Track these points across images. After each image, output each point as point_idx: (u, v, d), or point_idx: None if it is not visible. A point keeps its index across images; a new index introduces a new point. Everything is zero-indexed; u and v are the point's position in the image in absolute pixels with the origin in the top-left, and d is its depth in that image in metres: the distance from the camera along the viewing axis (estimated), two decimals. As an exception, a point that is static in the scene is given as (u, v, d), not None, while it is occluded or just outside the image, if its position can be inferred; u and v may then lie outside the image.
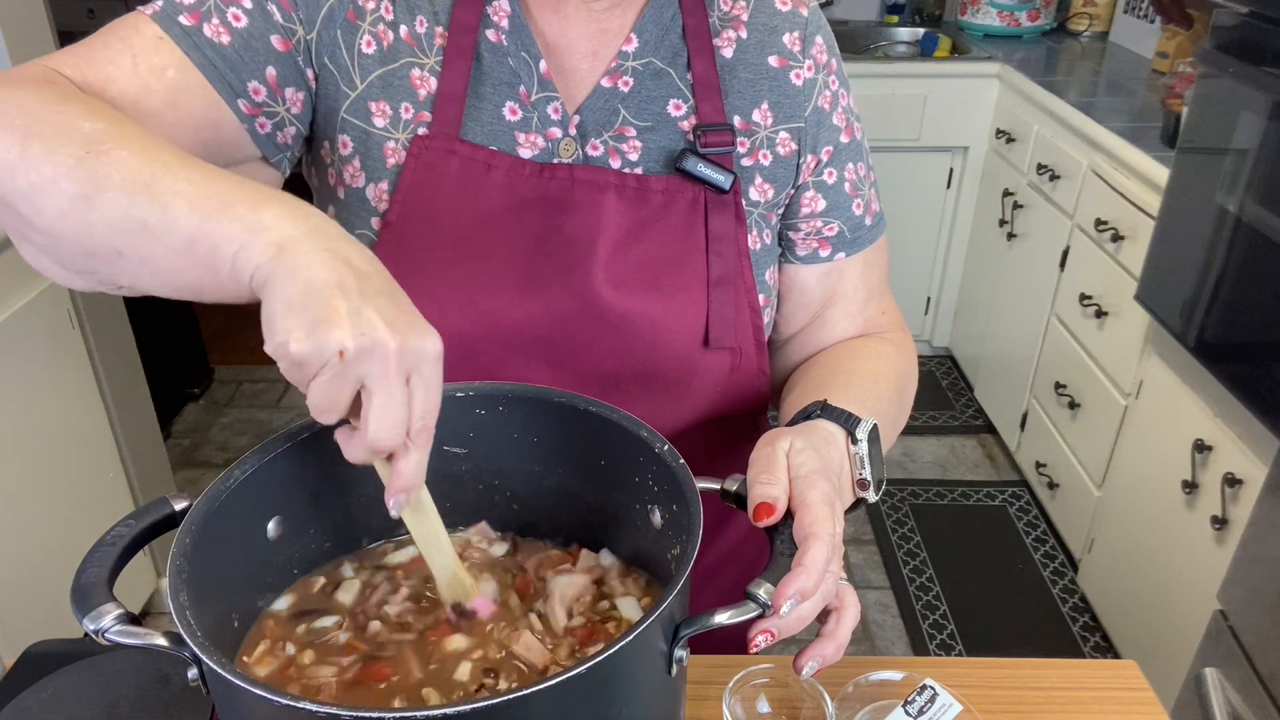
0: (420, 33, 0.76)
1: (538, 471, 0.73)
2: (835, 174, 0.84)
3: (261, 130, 0.75)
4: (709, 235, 0.79)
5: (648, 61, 0.79)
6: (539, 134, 0.78)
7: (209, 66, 0.70)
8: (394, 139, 0.76)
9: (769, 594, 0.55)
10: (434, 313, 0.70)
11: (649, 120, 0.79)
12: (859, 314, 0.89)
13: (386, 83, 0.76)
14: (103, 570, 0.56)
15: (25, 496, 1.76)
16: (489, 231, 0.76)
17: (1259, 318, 1.60)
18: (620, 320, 0.77)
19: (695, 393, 0.81)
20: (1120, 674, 0.86)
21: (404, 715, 0.53)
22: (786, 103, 0.81)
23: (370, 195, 0.77)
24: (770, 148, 0.81)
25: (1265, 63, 1.59)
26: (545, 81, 0.77)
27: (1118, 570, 2.12)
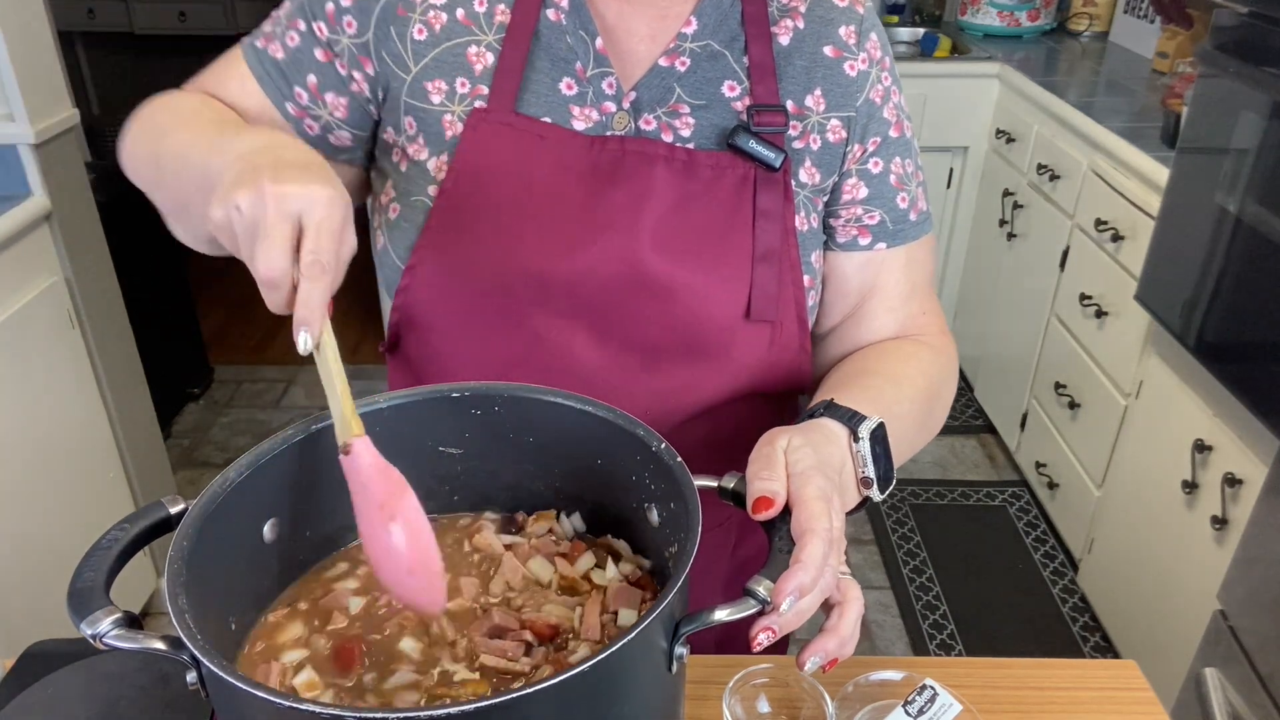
0: (479, 11, 0.80)
1: (533, 471, 0.73)
2: (881, 164, 0.85)
3: (310, 131, 0.84)
4: (756, 211, 0.80)
5: (705, 44, 0.81)
6: (593, 108, 0.80)
7: (265, 77, 0.83)
8: (451, 112, 0.80)
9: (768, 590, 0.55)
10: (483, 273, 0.79)
11: (703, 99, 0.81)
12: (899, 309, 0.88)
13: (440, 61, 0.80)
14: (99, 574, 0.56)
15: (25, 496, 1.76)
16: (539, 198, 0.79)
17: (1259, 318, 1.60)
18: (663, 288, 0.79)
19: (735, 364, 0.82)
20: (1120, 674, 0.86)
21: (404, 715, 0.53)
22: (839, 91, 0.83)
23: (431, 166, 0.81)
24: (821, 133, 0.83)
25: (1265, 63, 1.59)
26: (601, 57, 0.80)
27: (1118, 570, 2.12)
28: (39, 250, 1.81)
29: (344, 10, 0.80)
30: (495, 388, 0.70)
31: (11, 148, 1.76)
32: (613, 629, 0.64)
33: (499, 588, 0.68)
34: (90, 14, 4.45)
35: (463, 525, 0.74)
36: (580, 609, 0.66)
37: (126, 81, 4.80)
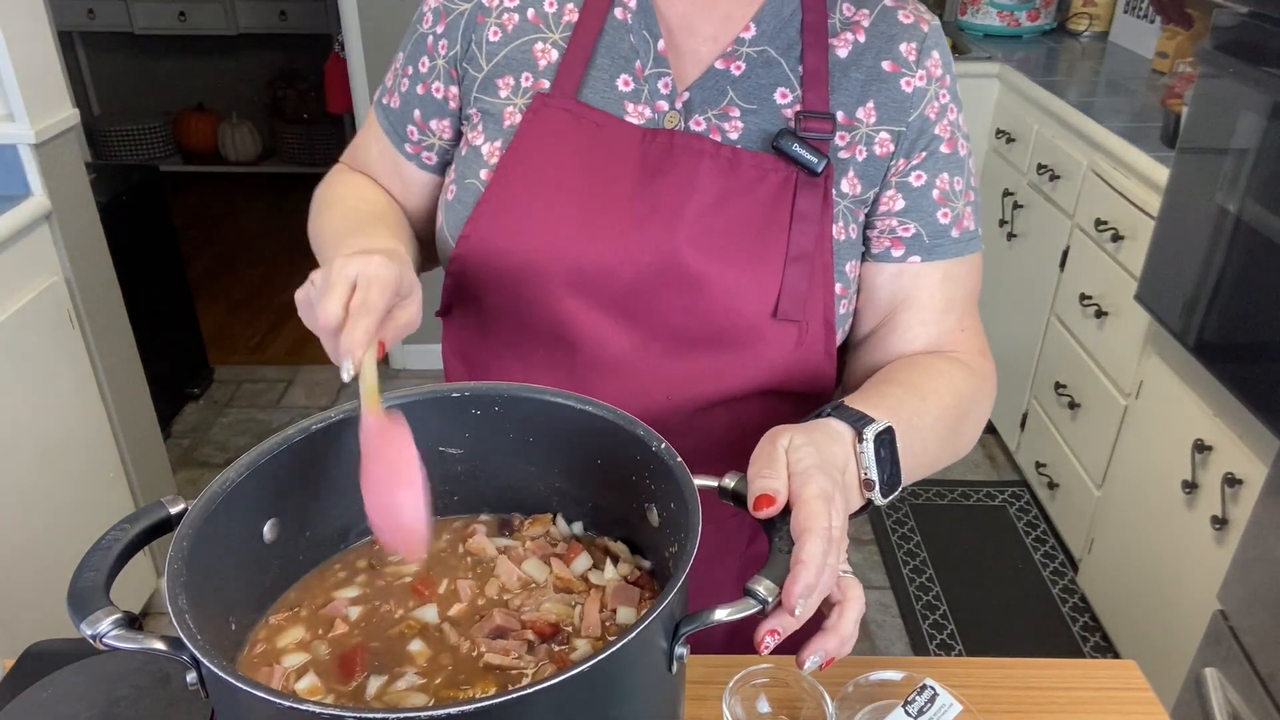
0: (549, 12, 0.85)
1: (534, 471, 0.73)
2: (924, 178, 0.85)
3: (429, 163, 0.93)
4: (794, 213, 0.82)
5: (762, 50, 0.83)
6: (647, 105, 0.83)
7: (389, 129, 0.93)
8: (513, 104, 0.85)
9: (768, 590, 0.55)
10: (527, 250, 0.83)
11: (754, 104, 0.83)
12: (934, 324, 0.87)
13: (510, 58, 0.85)
14: (99, 575, 0.56)
15: (25, 496, 1.76)
16: (588, 183, 0.82)
17: (1259, 318, 1.60)
18: (696, 280, 0.81)
19: (759, 359, 0.83)
20: (1120, 674, 0.86)
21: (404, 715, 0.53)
22: (893, 105, 0.84)
23: (485, 151, 0.85)
24: (868, 145, 0.84)
25: (1265, 63, 1.59)
26: (660, 59, 0.83)
27: (1118, 570, 2.12)
28: (39, 250, 1.81)
29: (439, 37, 0.87)
30: (495, 388, 0.71)
31: (11, 148, 1.76)
32: (613, 627, 0.65)
33: (494, 590, 0.68)
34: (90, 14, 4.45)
35: (456, 528, 0.74)
36: (580, 607, 0.66)
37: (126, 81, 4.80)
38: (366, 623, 0.66)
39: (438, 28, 0.87)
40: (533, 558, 0.70)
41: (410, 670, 0.62)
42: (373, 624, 0.66)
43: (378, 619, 0.66)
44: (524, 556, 0.70)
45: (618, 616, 0.65)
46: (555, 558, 0.70)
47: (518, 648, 0.62)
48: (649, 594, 0.68)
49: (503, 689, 0.59)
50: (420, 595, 0.68)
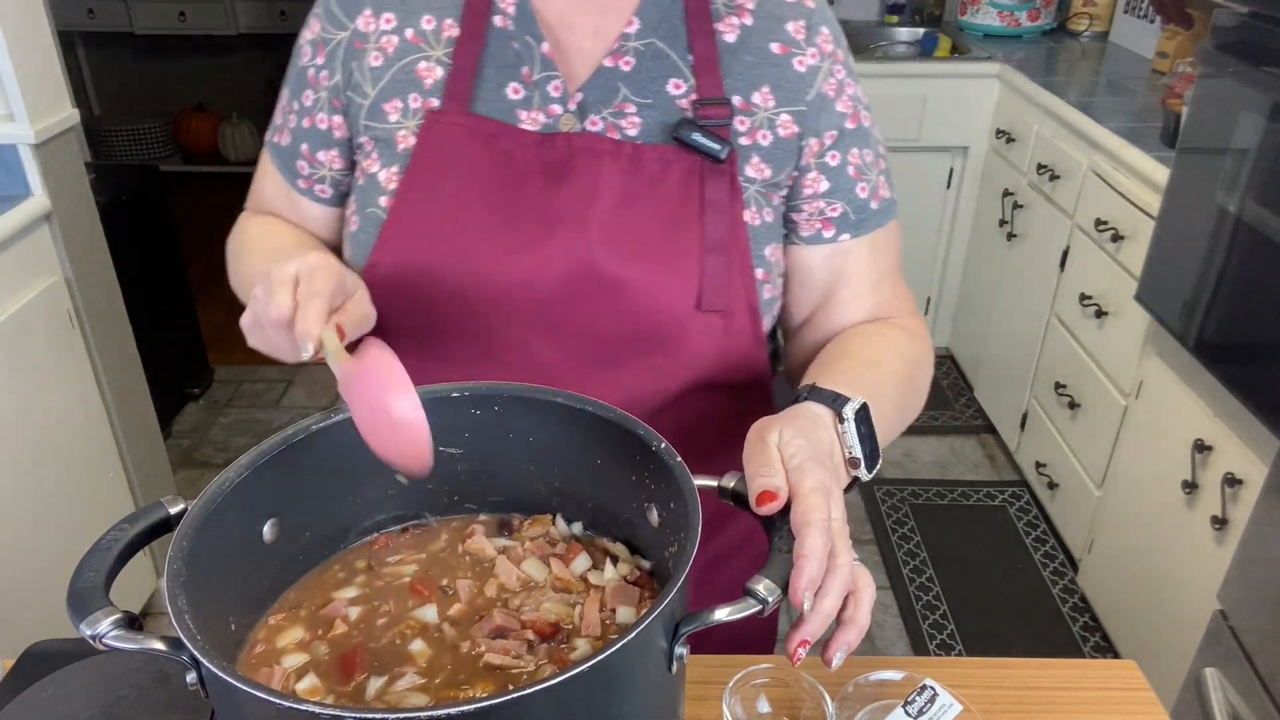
0: (428, 29, 0.83)
1: (534, 471, 0.73)
2: (839, 157, 0.86)
3: (324, 195, 0.91)
4: (704, 202, 0.81)
5: (649, 42, 0.83)
6: (540, 110, 0.82)
7: (282, 166, 0.92)
8: (405, 127, 0.83)
9: (768, 590, 0.55)
10: (437, 275, 0.81)
11: (649, 98, 0.82)
12: (868, 296, 0.89)
13: (395, 81, 0.83)
14: (98, 575, 0.56)
15: (25, 497, 1.76)
16: (490, 197, 0.81)
17: (1259, 318, 1.60)
18: (615, 282, 0.80)
19: (689, 354, 0.83)
20: (1120, 674, 0.86)
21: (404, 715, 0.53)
22: (789, 86, 0.83)
23: (382, 178, 0.84)
24: (770, 128, 0.83)
25: (1265, 63, 1.59)
26: (547, 61, 0.82)
27: (1118, 570, 2.12)
28: (39, 250, 1.81)
29: (320, 68, 0.86)
30: (495, 387, 0.71)
31: (11, 148, 1.76)
32: (613, 626, 0.65)
33: (493, 590, 0.68)
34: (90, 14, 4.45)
35: (455, 528, 0.74)
36: (579, 607, 0.66)
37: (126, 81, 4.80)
38: (366, 623, 0.66)
39: (318, 59, 0.86)
40: (532, 558, 0.70)
41: (410, 670, 0.62)
42: (372, 624, 0.66)
43: (377, 619, 0.66)
44: (523, 557, 0.70)
45: (617, 616, 0.65)
46: (555, 558, 0.70)
47: (518, 648, 0.62)
48: (649, 594, 0.68)
49: (503, 689, 0.59)
50: (420, 595, 0.68)
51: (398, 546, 0.73)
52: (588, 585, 0.68)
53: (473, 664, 0.62)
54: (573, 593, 0.67)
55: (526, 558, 0.70)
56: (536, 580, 0.69)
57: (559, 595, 0.67)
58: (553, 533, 0.73)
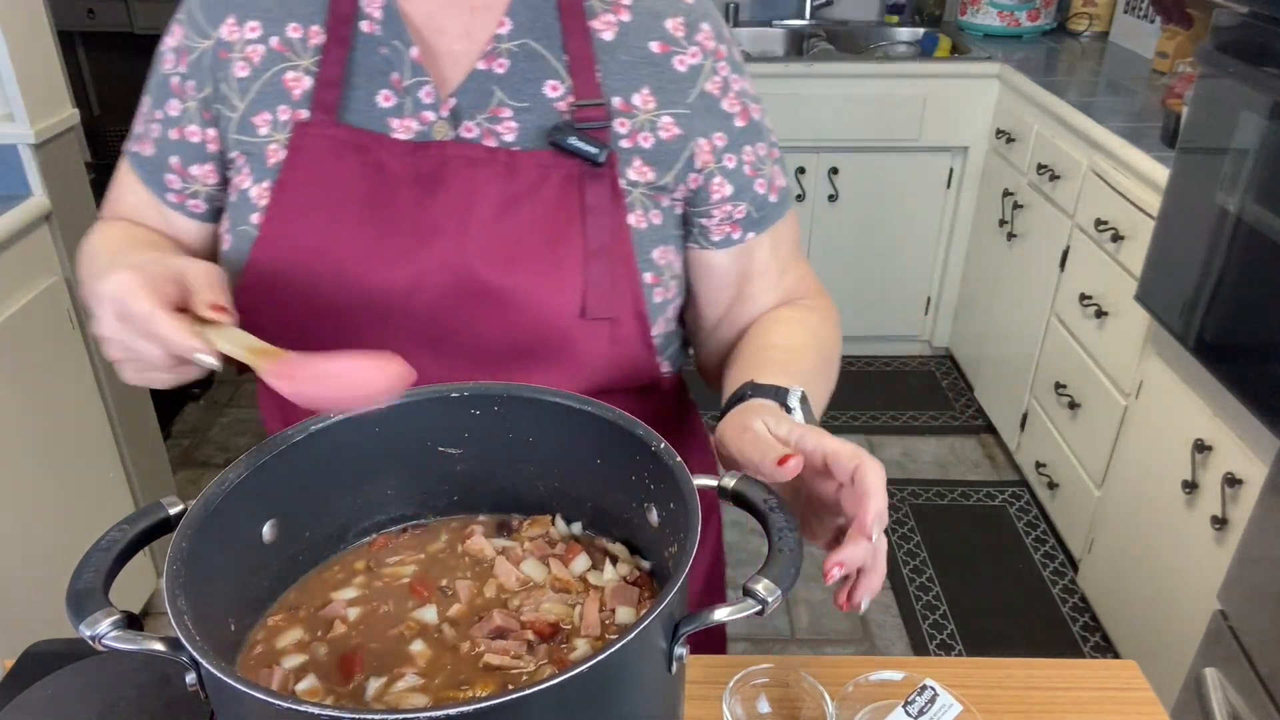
0: (294, 38, 0.80)
1: (533, 471, 0.73)
2: (735, 159, 0.85)
3: (197, 210, 0.87)
4: (585, 208, 0.79)
5: (523, 43, 0.80)
6: (412, 118, 0.80)
7: (147, 179, 0.87)
8: (275, 140, 0.80)
9: (768, 590, 0.55)
10: (312, 292, 0.78)
11: (525, 101, 0.80)
12: (776, 286, 0.91)
13: (263, 93, 0.81)
14: (98, 576, 0.56)
15: (25, 496, 1.76)
16: (363, 210, 0.78)
17: (1259, 318, 1.60)
18: (497, 293, 0.78)
19: (577, 364, 0.81)
20: (1120, 674, 0.86)
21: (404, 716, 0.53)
22: (670, 88, 0.81)
23: (253, 194, 0.81)
24: (652, 131, 0.81)
25: (1265, 63, 1.59)
26: (417, 67, 0.80)
27: (1118, 570, 2.12)
28: (39, 250, 1.81)
29: (185, 77, 0.82)
30: (495, 388, 0.71)
31: (12, 148, 1.76)
32: (612, 626, 0.64)
33: (493, 591, 0.68)
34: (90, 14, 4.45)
35: (454, 528, 0.74)
36: (579, 607, 0.66)
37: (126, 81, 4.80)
38: (366, 624, 0.66)
39: (180, 68, 0.82)
40: (531, 558, 0.70)
41: (410, 671, 0.62)
42: (372, 625, 0.66)
43: (377, 620, 0.66)
44: (522, 557, 0.70)
45: (617, 616, 0.65)
46: (554, 558, 0.70)
47: (517, 648, 0.62)
48: (648, 594, 0.67)
49: (502, 689, 0.59)
50: (419, 596, 0.68)
51: (397, 547, 0.73)
52: (587, 585, 0.68)
53: (472, 664, 0.62)
54: (572, 593, 0.67)
55: (526, 558, 0.70)
56: (536, 580, 0.69)
57: (558, 595, 0.67)
58: (552, 533, 0.73)
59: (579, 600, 0.66)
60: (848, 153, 2.94)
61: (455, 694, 0.60)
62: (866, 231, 3.08)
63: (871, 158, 2.95)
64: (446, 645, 0.64)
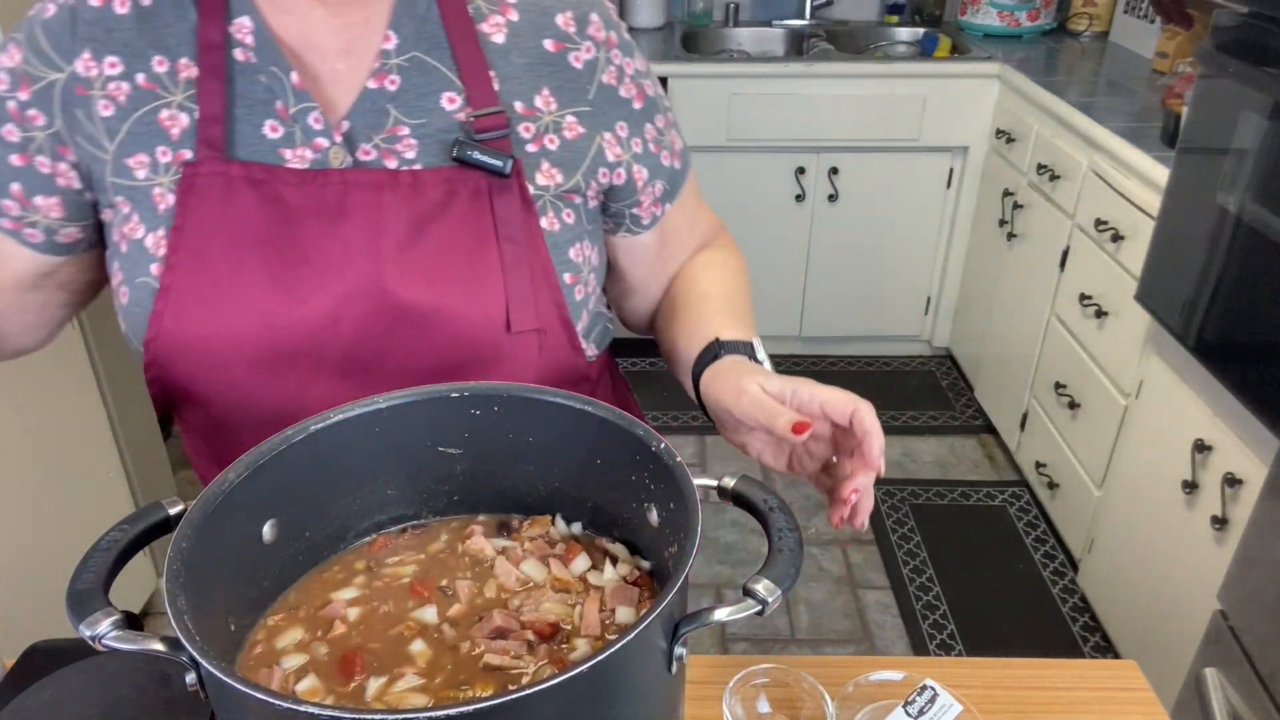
0: (160, 72, 0.75)
1: (533, 471, 0.73)
2: (641, 142, 0.86)
3: (33, 240, 0.80)
4: (496, 220, 0.78)
5: (412, 56, 0.77)
6: (304, 147, 0.76)
7: None
8: (159, 184, 0.76)
9: (768, 590, 0.55)
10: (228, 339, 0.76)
11: (422, 117, 0.78)
12: (689, 240, 0.96)
13: (136, 134, 0.76)
14: (98, 576, 0.56)
15: (25, 496, 1.76)
16: (268, 248, 0.75)
17: (1259, 318, 1.60)
18: (420, 317, 0.76)
19: (508, 377, 0.79)
20: (1120, 674, 0.86)
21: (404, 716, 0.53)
22: (569, 87, 0.81)
23: (149, 244, 0.76)
24: (556, 132, 0.81)
25: (1265, 63, 1.59)
26: (300, 93, 0.76)
27: (1118, 570, 2.12)
28: (39, 250, 1.80)
29: (25, 104, 0.76)
30: (495, 388, 0.71)
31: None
32: (612, 626, 0.65)
33: (493, 591, 0.68)
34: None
35: (454, 528, 0.74)
36: (579, 607, 0.66)
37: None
38: (366, 624, 0.66)
39: (20, 93, 0.75)
40: (531, 559, 0.70)
41: (410, 671, 0.62)
42: (372, 625, 0.66)
43: (377, 620, 0.66)
44: (522, 557, 0.70)
45: (617, 616, 0.65)
46: (554, 559, 0.70)
47: (517, 648, 0.62)
48: (648, 594, 0.68)
49: (503, 689, 0.59)
50: (419, 596, 0.68)
51: (397, 547, 0.73)
52: (587, 585, 0.68)
53: (473, 664, 0.62)
54: (572, 593, 0.67)
55: (526, 558, 0.70)
56: (536, 581, 0.69)
57: (558, 596, 0.67)
58: (552, 533, 0.73)
59: (579, 600, 0.66)
60: (848, 153, 2.95)
61: (455, 694, 0.60)
62: (866, 231, 3.08)
63: (871, 158, 2.95)
64: (446, 645, 0.64)
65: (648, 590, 0.68)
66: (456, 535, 0.74)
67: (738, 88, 2.81)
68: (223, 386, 0.78)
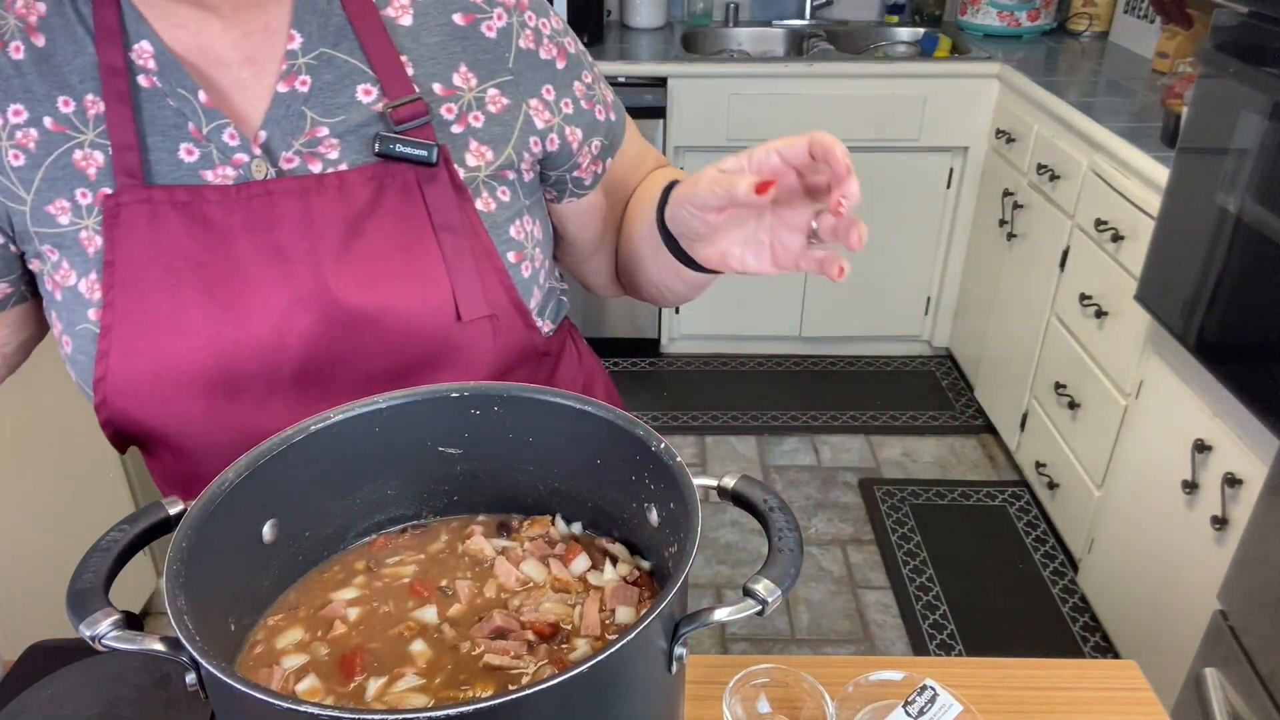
0: (67, 113, 0.73)
1: (533, 472, 0.73)
2: (571, 101, 0.83)
3: None
4: (431, 211, 0.76)
5: (319, 53, 0.75)
6: (224, 166, 0.74)
7: None
8: (84, 227, 0.74)
9: (768, 590, 0.55)
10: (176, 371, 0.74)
11: (340, 115, 0.75)
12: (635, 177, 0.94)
13: (52, 180, 0.74)
14: (98, 576, 0.56)
15: (25, 496, 1.76)
16: (203, 271, 0.74)
17: (1259, 318, 1.60)
18: (368, 320, 0.75)
19: (463, 366, 0.79)
20: (1120, 674, 0.86)
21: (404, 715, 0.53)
22: (486, 59, 0.78)
23: (84, 289, 0.74)
24: (480, 108, 0.78)
25: (1265, 63, 1.59)
26: (210, 111, 0.73)
27: (1118, 570, 2.12)
28: (39, 250, 1.80)
29: None
30: (495, 388, 0.70)
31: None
32: (612, 626, 0.65)
33: (493, 591, 0.68)
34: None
35: (454, 529, 0.74)
36: (579, 607, 0.66)
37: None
38: (366, 624, 0.66)
39: None
40: (531, 559, 0.70)
41: (410, 671, 0.62)
42: (372, 625, 0.66)
43: (377, 620, 0.66)
44: (522, 557, 0.70)
45: (617, 616, 0.65)
46: (554, 559, 0.70)
47: (517, 648, 0.62)
48: (648, 594, 0.68)
49: (503, 689, 0.59)
50: (419, 596, 0.68)
51: (397, 547, 0.73)
52: (587, 586, 0.68)
53: (473, 664, 0.62)
54: (572, 593, 0.67)
55: (525, 558, 0.70)
56: (536, 581, 0.69)
57: (558, 596, 0.67)
58: (552, 533, 0.73)
59: (579, 600, 0.66)
60: (848, 153, 2.94)
61: (455, 694, 0.60)
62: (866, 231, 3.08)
63: (871, 158, 2.95)
64: (446, 645, 0.64)
65: (648, 590, 0.68)
66: (456, 535, 0.74)
67: (738, 88, 2.81)
68: (178, 418, 0.76)
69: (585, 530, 0.74)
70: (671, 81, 2.81)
